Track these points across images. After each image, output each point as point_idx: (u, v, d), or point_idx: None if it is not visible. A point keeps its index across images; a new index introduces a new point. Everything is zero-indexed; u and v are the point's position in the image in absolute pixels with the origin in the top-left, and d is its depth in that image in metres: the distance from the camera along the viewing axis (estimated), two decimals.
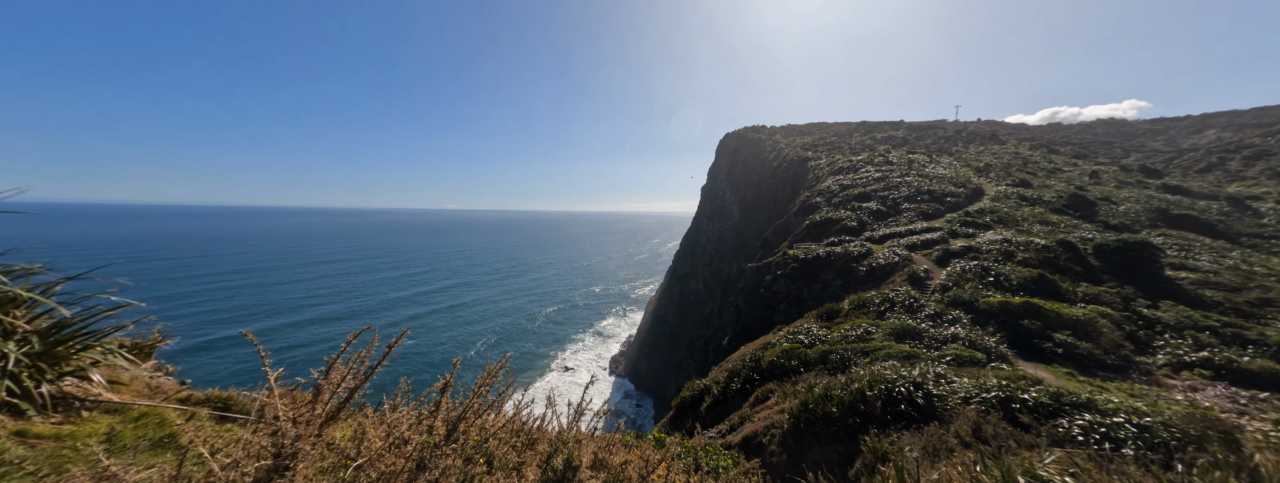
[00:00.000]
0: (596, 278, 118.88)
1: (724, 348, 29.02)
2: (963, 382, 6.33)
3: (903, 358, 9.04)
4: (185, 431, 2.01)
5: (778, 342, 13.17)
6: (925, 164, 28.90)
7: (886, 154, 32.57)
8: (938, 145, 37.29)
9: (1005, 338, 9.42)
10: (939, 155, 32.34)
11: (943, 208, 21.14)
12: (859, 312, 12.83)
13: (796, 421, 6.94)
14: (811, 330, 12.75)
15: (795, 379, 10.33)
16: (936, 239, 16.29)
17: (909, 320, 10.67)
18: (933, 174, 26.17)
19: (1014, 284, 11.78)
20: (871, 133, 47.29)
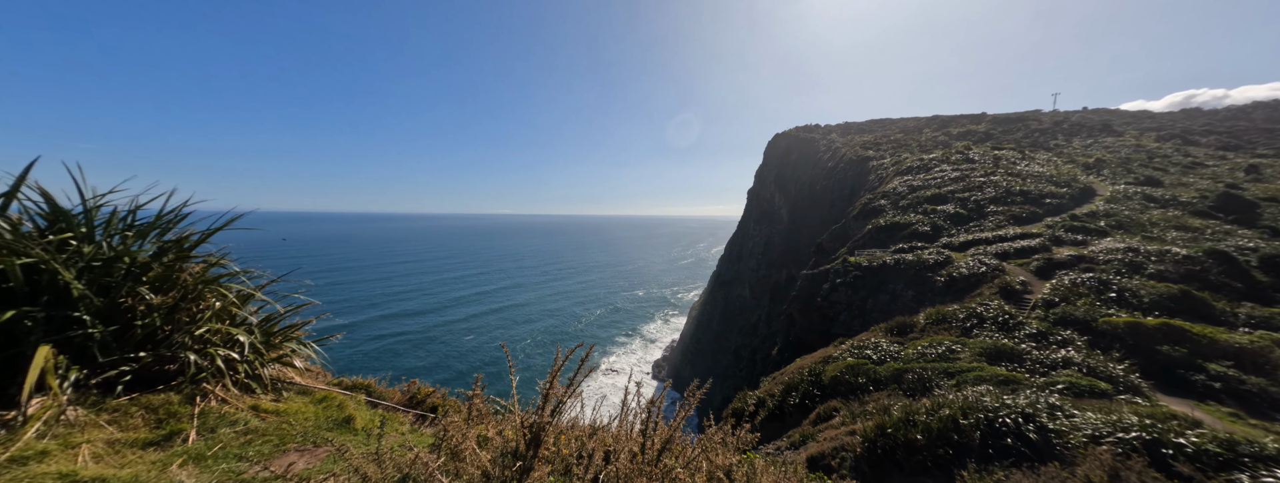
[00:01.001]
0: (639, 282, 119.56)
1: (773, 358, 27.55)
2: (1087, 416, 5.31)
3: (999, 383, 7.88)
4: (363, 416, 2.23)
5: (840, 356, 12.18)
6: (1016, 161, 25.39)
7: (966, 151, 29.14)
8: (1031, 140, 32.57)
9: (1136, 366, 7.84)
10: (1034, 151, 28.23)
11: (1040, 211, 18.39)
12: (938, 327, 11.47)
13: (872, 445, 6.26)
14: (881, 346, 11.64)
15: (864, 398, 9.45)
16: (1035, 247, 14.16)
17: (1004, 340, 9.31)
18: (1026, 172, 22.91)
19: (1145, 302, 9.83)
20: (945, 128, 42.60)
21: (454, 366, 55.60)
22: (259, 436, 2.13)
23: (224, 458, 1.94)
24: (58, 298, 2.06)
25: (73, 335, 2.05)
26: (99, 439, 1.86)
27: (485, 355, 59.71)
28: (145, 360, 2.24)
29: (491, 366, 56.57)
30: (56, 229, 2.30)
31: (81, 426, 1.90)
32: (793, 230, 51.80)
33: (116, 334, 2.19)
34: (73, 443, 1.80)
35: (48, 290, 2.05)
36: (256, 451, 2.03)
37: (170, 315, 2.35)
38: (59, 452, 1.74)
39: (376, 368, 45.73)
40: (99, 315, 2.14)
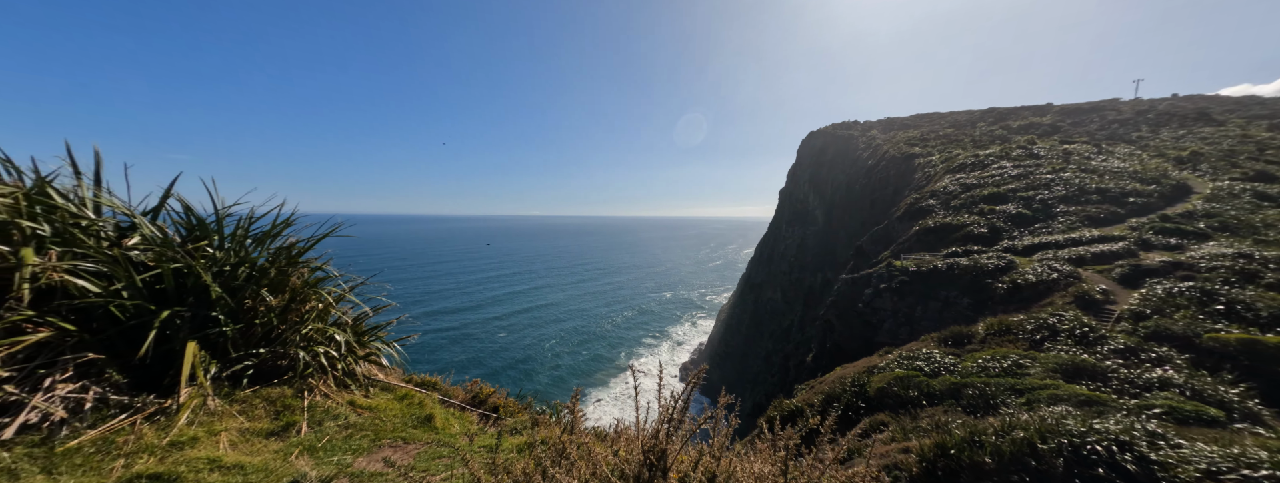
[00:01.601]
0: (667, 284, 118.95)
1: (808, 365, 26.41)
2: (1199, 448, 4.56)
3: (1080, 404, 7.04)
4: (443, 416, 2.29)
5: (887, 366, 11.41)
6: (1091, 156, 22.81)
7: (1029, 146, 26.58)
8: (1107, 132, 29.13)
9: (1255, 390, 6.74)
10: (1112, 144, 25.24)
11: (1123, 211, 16.41)
12: (1001, 339, 10.46)
13: (931, 466, 5.72)
14: (933, 357, 10.78)
15: (916, 413, 8.76)
16: (1118, 251, 12.62)
17: (1084, 355, 8.31)
18: (1103, 168, 20.52)
19: (1263, 316, 8.45)
20: (1003, 121, 39.05)
21: (488, 362, 57.69)
22: (358, 430, 2.26)
23: (333, 450, 2.07)
24: (199, 299, 2.27)
25: (211, 333, 2.26)
26: (233, 428, 2.03)
27: (517, 353, 61.54)
28: (264, 356, 2.45)
29: (524, 363, 58.22)
30: (194, 237, 2.54)
31: (220, 414, 2.08)
32: (828, 232, 49.55)
33: (241, 332, 2.41)
34: (215, 430, 1.98)
35: (192, 292, 2.27)
36: (356, 445, 2.14)
37: (283, 315, 2.55)
38: (205, 438, 1.92)
39: (418, 361, 48.07)
40: (230, 315, 2.35)
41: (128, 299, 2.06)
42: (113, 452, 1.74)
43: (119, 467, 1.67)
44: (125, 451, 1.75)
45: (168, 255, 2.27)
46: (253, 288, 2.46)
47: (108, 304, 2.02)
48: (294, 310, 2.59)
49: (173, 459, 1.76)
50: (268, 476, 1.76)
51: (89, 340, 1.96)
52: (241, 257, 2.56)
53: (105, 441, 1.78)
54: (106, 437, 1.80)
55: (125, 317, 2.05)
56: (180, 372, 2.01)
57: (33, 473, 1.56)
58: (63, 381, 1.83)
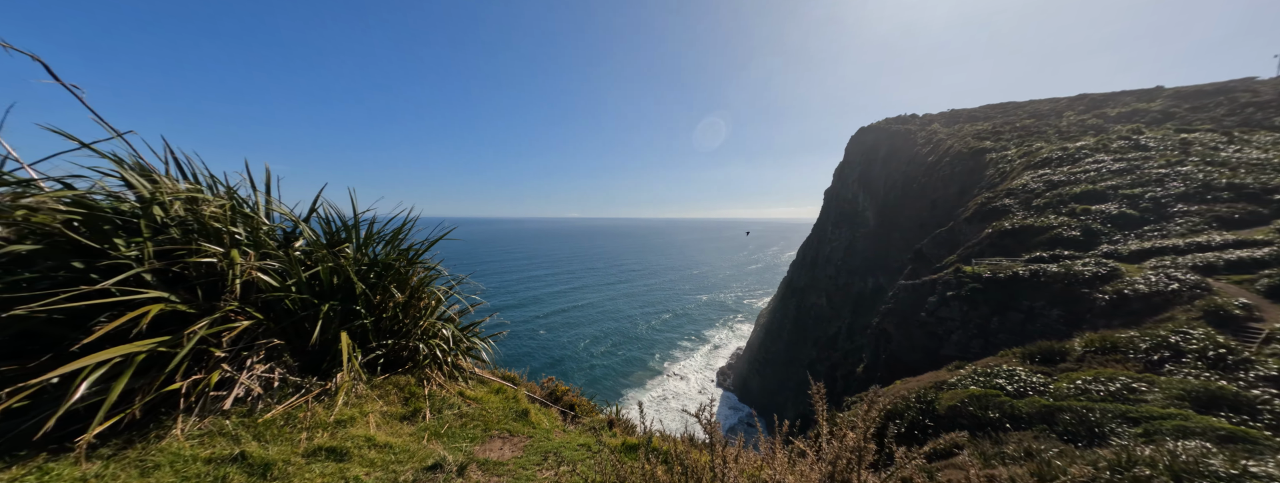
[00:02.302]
0: (704, 286, 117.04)
1: (859, 377, 24.70)
2: None
3: (1221, 440, 5.91)
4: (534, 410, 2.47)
5: (959, 382, 10.37)
6: (1219, 146, 19.28)
7: (1134, 136, 23.00)
8: (1240, 118, 24.39)
9: None
10: (1248, 131, 21.15)
11: (1265, 210, 13.71)
12: (1104, 357, 9.10)
13: None
14: (1017, 375, 9.64)
15: (998, 437, 7.86)
16: (1264, 259, 10.53)
17: (1222, 382, 7.00)
18: (1237, 160, 17.27)
19: None
20: (1099, 109, 34.09)
21: (527, 360, 59.92)
22: (470, 420, 2.50)
23: (455, 437, 2.31)
24: (346, 295, 2.58)
25: (354, 325, 2.56)
26: (376, 410, 2.31)
27: (555, 352, 63.33)
28: (391, 347, 2.73)
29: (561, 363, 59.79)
30: (335, 240, 2.88)
31: (366, 398, 2.37)
32: (881, 234, 46.18)
33: (374, 324, 2.70)
34: (365, 411, 2.26)
35: (341, 288, 2.58)
36: (471, 433, 2.38)
37: (406, 310, 2.84)
38: (358, 418, 2.20)
39: None
40: (367, 309, 2.64)
41: (297, 294, 2.38)
42: (296, 426, 2.03)
43: (303, 439, 1.96)
44: (305, 425, 2.04)
45: (322, 256, 2.59)
46: (383, 285, 2.73)
47: (284, 298, 2.34)
48: (413, 306, 2.81)
49: (340, 435, 2.03)
50: (412, 456, 1.97)
51: (272, 329, 2.27)
52: (373, 257, 2.86)
53: (289, 415, 2.08)
54: (289, 412, 2.10)
55: (295, 308, 2.38)
56: (336, 358, 2.29)
57: (248, 439, 1.89)
58: (258, 362, 2.13)
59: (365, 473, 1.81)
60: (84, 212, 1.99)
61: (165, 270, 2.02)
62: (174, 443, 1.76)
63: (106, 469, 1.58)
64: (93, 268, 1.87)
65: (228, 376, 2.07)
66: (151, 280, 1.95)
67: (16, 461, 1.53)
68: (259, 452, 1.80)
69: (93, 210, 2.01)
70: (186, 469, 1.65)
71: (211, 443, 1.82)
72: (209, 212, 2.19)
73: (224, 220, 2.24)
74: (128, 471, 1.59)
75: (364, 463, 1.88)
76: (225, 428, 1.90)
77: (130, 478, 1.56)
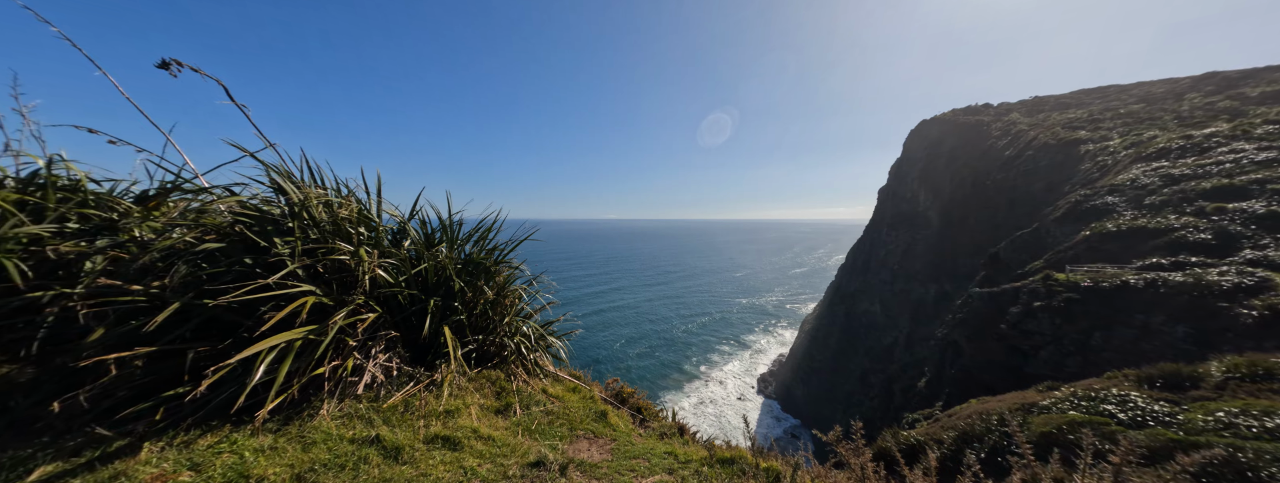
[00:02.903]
0: (744, 290, 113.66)
1: (920, 392, 22.62)
2: None
3: None
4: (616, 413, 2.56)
5: (1052, 406, 9.13)
6: None
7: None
8: None
9: None
10: None
11: None
12: (1251, 386, 7.55)
13: None
14: (1133, 401, 8.29)
15: None
16: None
17: None
18: None
19: None
20: (1233, 89, 28.49)
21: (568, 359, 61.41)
22: (556, 417, 2.55)
23: (545, 435, 2.38)
24: (447, 291, 2.76)
25: (453, 320, 2.73)
26: (475, 403, 2.44)
27: (592, 353, 64.51)
28: (480, 342, 2.88)
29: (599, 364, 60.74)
30: (433, 239, 3.10)
31: (466, 390, 2.52)
32: (945, 236, 42.06)
33: (469, 320, 2.87)
34: (467, 403, 2.40)
35: (442, 285, 2.77)
36: (558, 431, 2.44)
37: (495, 307, 3.00)
38: (462, 409, 2.34)
39: None
40: (463, 305, 2.81)
41: (407, 289, 2.57)
42: (413, 413, 2.19)
43: (421, 426, 2.10)
44: (420, 413, 2.19)
45: (424, 255, 2.79)
46: (476, 283, 2.91)
47: (397, 294, 2.53)
48: (499, 303, 2.94)
49: (450, 425, 2.17)
50: (514, 451, 2.07)
51: (388, 321, 2.48)
52: (467, 256, 3.05)
53: (407, 403, 2.25)
54: (406, 400, 2.26)
55: (405, 303, 2.57)
56: (439, 350, 2.47)
57: (379, 423, 2.07)
58: (380, 352, 2.35)
59: (477, 464, 1.92)
60: (256, 214, 2.30)
61: (311, 266, 2.26)
62: (322, 422, 1.95)
63: (276, 442, 1.79)
64: (258, 263, 2.13)
65: (359, 363, 2.25)
66: (302, 275, 2.17)
67: (209, 430, 1.78)
68: (390, 436, 1.95)
69: (261, 214, 2.31)
70: (337, 448, 1.83)
71: (350, 425, 1.99)
72: (342, 214, 2.45)
73: (353, 222, 2.49)
74: (293, 445, 1.79)
75: (474, 454, 1.98)
76: (359, 411, 2.08)
77: (295, 451, 1.76)
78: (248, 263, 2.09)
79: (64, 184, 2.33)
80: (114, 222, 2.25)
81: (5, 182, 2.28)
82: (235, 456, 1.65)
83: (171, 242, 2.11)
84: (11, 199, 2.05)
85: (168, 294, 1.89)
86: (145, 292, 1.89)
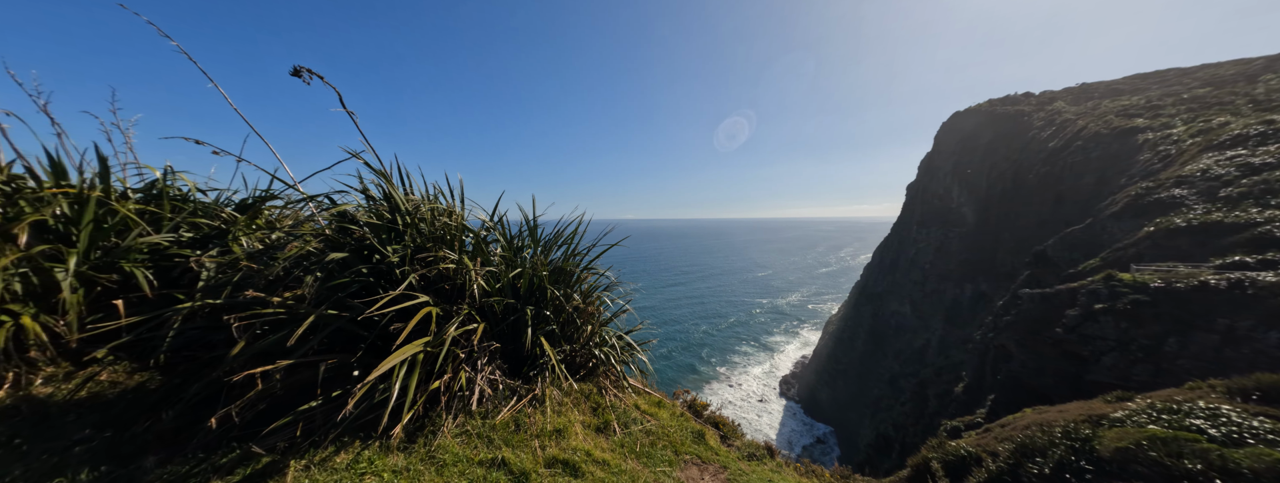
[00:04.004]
0: (766, 291, 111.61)
1: (958, 398, 21.51)
2: None
3: None
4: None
5: (1126, 418, 8.36)
6: None
7: None
8: None
9: None
10: None
11: None
12: None
13: None
14: (1224, 415, 7.48)
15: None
16: None
17: None
18: None
19: None
20: None
21: None
22: (657, 438, 2.41)
23: (652, 459, 2.22)
24: (539, 299, 2.60)
25: (546, 329, 2.57)
26: (577, 420, 2.30)
27: None
28: (569, 352, 2.72)
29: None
30: (516, 245, 2.97)
31: (564, 405, 2.38)
32: (982, 234, 39.90)
33: (561, 329, 2.73)
34: (571, 421, 2.25)
35: (535, 293, 2.61)
36: (663, 455, 2.28)
37: (582, 315, 2.85)
38: (567, 427, 2.21)
39: None
40: (554, 313, 2.67)
41: (504, 298, 2.42)
42: (525, 431, 2.06)
43: (537, 446, 1.97)
44: (532, 432, 2.06)
45: (516, 261, 2.68)
46: (566, 290, 2.76)
47: (495, 303, 2.39)
48: (584, 312, 2.87)
49: (564, 446, 2.03)
50: (633, 480, 1.92)
51: (491, 332, 2.36)
52: (554, 263, 2.89)
53: (516, 421, 2.12)
54: (515, 417, 2.13)
55: (500, 312, 2.43)
56: (534, 361, 2.32)
57: (499, 443, 1.97)
58: (485, 364, 2.23)
59: None
60: (376, 223, 2.21)
61: (423, 276, 2.19)
62: (445, 441, 1.85)
63: (408, 462, 1.71)
64: (372, 272, 2.05)
65: (470, 376, 2.16)
66: (415, 284, 2.09)
67: (343, 447, 1.70)
68: (514, 459, 1.85)
69: (381, 221, 2.22)
70: (468, 472, 1.75)
71: (471, 444, 1.89)
72: (443, 221, 2.36)
73: (456, 230, 2.41)
74: (427, 467, 1.71)
75: (594, 481, 1.87)
76: (477, 429, 1.98)
77: (431, 475, 1.68)
78: (364, 273, 2.03)
79: (175, 194, 2.34)
80: (223, 231, 2.25)
81: (127, 193, 2.30)
82: (376, 477, 1.60)
83: (297, 250, 2.07)
84: (134, 209, 2.05)
85: (302, 307, 1.84)
86: (284, 303, 1.86)
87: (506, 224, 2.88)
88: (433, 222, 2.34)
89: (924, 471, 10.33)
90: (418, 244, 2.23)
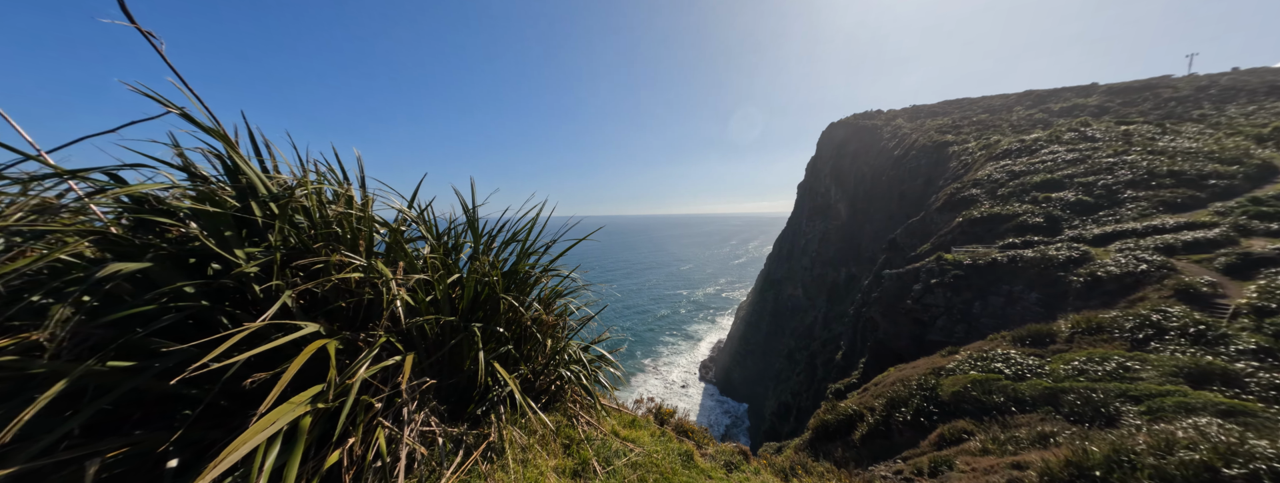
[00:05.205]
0: (687, 282, 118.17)
1: (838, 363, 25.47)
2: None
3: (1221, 413, 6.15)
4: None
5: (957, 368, 10.61)
6: (1156, 137, 21.26)
7: (1082, 128, 24.98)
8: (1164, 111, 27.19)
9: None
10: (1176, 123, 23.47)
11: (1202, 194, 15.07)
12: (1092, 338, 9.54)
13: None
14: (1012, 358, 9.93)
15: (1006, 421, 8.00)
16: (1215, 239, 11.45)
17: (1207, 357, 7.40)
18: (1173, 149, 19.04)
19: None
20: (1043, 104, 37.03)
21: None
22: (647, 471, 1.99)
23: None
24: (489, 313, 1.97)
25: (501, 351, 1.96)
26: (549, 468, 1.80)
27: None
28: (526, 376, 2.12)
29: None
30: (450, 244, 2.18)
31: (531, 450, 1.82)
32: (852, 226, 48.07)
33: (516, 348, 2.14)
34: (542, 470, 1.72)
35: (482, 306, 1.95)
36: None
37: (542, 328, 2.23)
38: (538, 482, 1.67)
39: None
40: (509, 329, 2.04)
41: (443, 315, 1.72)
42: None
43: None
44: None
45: (450, 265, 1.96)
46: (521, 298, 2.13)
47: (426, 324, 1.68)
48: (543, 323, 2.26)
49: None
50: None
51: (423, 364, 1.62)
52: (505, 265, 2.23)
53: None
54: (465, 481, 1.54)
55: (433, 333, 1.72)
56: (486, 394, 1.71)
57: None
58: (414, 412, 1.47)
59: None
60: (213, 211, 1.34)
61: (305, 291, 1.42)
62: None
63: None
64: (212, 291, 1.27)
65: (392, 434, 1.50)
66: (297, 306, 1.35)
67: None
68: None
69: (222, 211, 1.36)
70: None
71: None
72: (340, 212, 1.55)
73: (365, 223, 1.62)
74: None
75: None
76: None
77: None
78: (190, 293, 1.26)
79: None
80: None
81: None
82: None
83: (31, 262, 1.15)
84: None
85: (43, 362, 1.05)
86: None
87: (433, 217, 2.17)
88: (319, 211, 1.63)
89: (822, 430, 11.84)
90: (296, 245, 1.53)
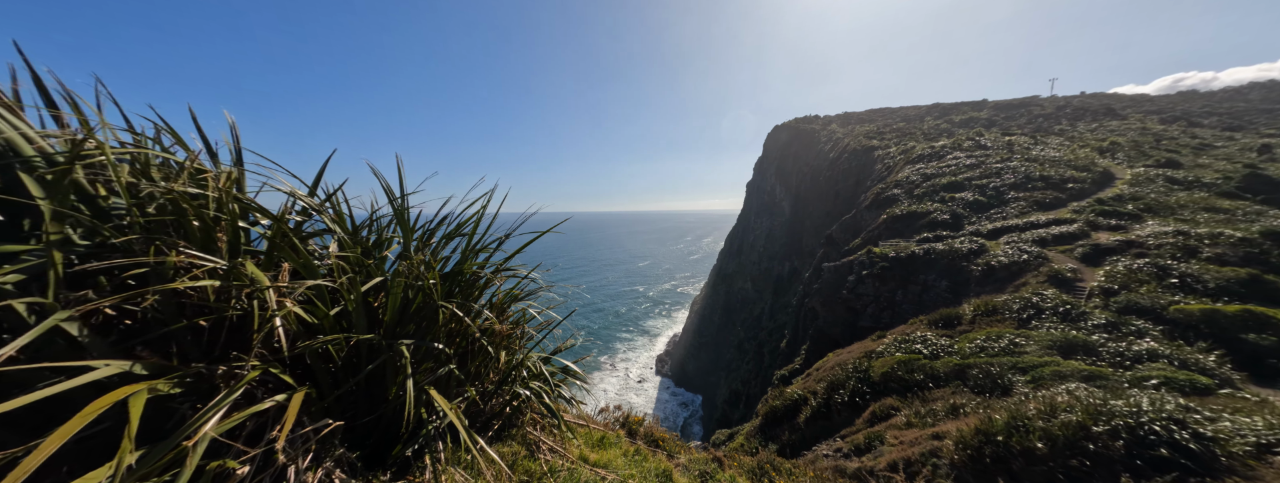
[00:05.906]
0: (642, 279, 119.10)
1: (783, 351, 27.17)
2: (1241, 421, 4.70)
3: (1084, 379, 7.32)
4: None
5: (885, 351, 11.61)
6: (1030, 146, 25.12)
7: (977, 138, 28.82)
8: (1035, 125, 32.41)
9: (1227, 357, 7.34)
10: (1045, 136, 28.01)
11: (1064, 196, 18.02)
12: (989, 319, 10.94)
13: (976, 454, 5.64)
14: (928, 339, 11.07)
15: (925, 396, 8.89)
16: (1074, 233, 13.71)
17: (1073, 331, 8.77)
18: (1043, 157, 22.60)
19: (1212, 288, 9.37)
20: (947, 116, 42.40)
21: None
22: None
23: None
24: (423, 326, 1.55)
25: (443, 373, 1.54)
26: None
27: None
28: (473, 399, 1.72)
29: None
30: (371, 239, 1.70)
31: None
32: (795, 222, 51.52)
33: (460, 368, 1.73)
34: None
35: (414, 317, 1.49)
36: None
37: (493, 339, 1.79)
38: None
39: None
40: (449, 344, 1.65)
41: (352, 334, 1.25)
42: None
43: None
44: None
45: (368, 267, 1.48)
46: (468, 305, 1.69)
47: (330, 347, 1.23)
48: (496, 333, 1.78)
49: None
50: None
51: (323, 400, 1.16)
52: (445, 267, 1.78)
53: None
54: None
55: (345, 361, 1.26)
56: (420, 429, 1.29)
57: None
58: (310, 468, 1.00)
59: None
60: None
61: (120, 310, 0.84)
62: None
63: None
64: None
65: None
66: (91, 333, 0.76)
67: None
68: None
69: None
70: None
71: None
72: (186, 191, 0.98)
73: (227, 204, 1.07)
74: None
75: None
76: None
77: None
78: None
79: None
80: None
81: None
82: None
83: None
84: None
85: None
86: None
87: (346, 205, 1.64)
88: (146, 189, 1.04)
89: (770, 415, 12.49)
90: (101, 240, 0.94)
